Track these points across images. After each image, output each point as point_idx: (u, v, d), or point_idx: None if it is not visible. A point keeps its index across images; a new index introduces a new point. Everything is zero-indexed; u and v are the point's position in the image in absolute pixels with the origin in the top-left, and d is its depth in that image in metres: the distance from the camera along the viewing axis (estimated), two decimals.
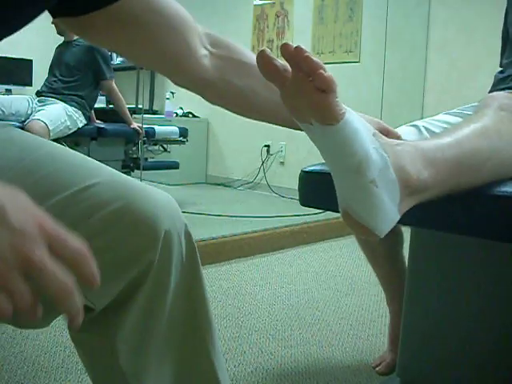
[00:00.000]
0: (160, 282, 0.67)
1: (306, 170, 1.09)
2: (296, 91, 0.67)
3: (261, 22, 4.74)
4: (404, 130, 1.36)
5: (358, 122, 0.70)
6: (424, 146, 0.79)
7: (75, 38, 3.41)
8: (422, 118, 1.36)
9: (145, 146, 3.76)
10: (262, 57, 0.67)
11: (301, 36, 4.42)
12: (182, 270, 0.70)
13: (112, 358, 0.69)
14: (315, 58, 0.65)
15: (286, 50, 0.65)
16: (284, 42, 0.65)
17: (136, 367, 0.69)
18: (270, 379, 1.53)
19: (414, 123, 1.33)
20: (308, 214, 3.31)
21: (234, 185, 5.04)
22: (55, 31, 3.33)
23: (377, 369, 1.58)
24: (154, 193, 0.69)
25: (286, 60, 0.66)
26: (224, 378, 0.76)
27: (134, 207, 0.65)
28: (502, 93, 1.17)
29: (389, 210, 0.70)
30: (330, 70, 0.66)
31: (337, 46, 4.14)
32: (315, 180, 1.07)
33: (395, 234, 1.53)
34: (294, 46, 0.65)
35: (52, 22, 3.22)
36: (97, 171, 0.69)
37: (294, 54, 0.65)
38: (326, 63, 0.64)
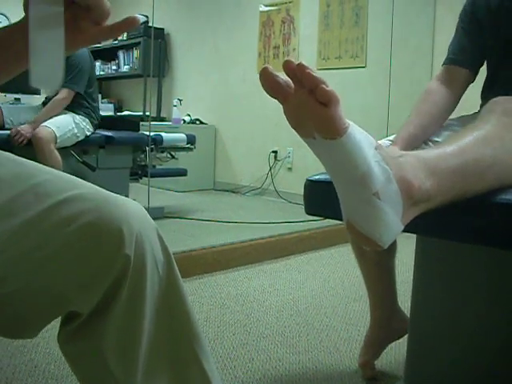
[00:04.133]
0: (138, 280, 0.71)
1: (312, 179, 1.10)
2: (298, 106, 0.69)
3: (267, 28, 4.76)
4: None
5: (361, 135, 0.71)
6: (426, 156, 0.80)
7: None
8: None
9: (152, 153, 3.77)
10: (265, 73, 0.68)
11: (307, 42, 4.43)
12: (158, 268, 0.74)
13: (101, 363, 0.71)
14: (316, 74, 0.66)
15: (288, 66, 0.67)
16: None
17: (126, 371, 0.72)
18: None
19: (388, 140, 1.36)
20: (316, 220, 3.31)
21: (242, 191, 5.05)
22: None
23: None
24: (124, 202, 0.74)
25: (289, 76, 0.68)
26: (214, 377, 0.78)
27: (106, 216, 0.70)
28: (506, 97, 1.18)
29: (392, 221, 0.72)
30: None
31: (343, 52, 4.15)
32: (320, 189, 1.08)
33: None
34: (297, 62, 0.66)
35: None
36: (71, 184, 0.74)
37: (296, 70, 0.66)
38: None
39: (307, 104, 0.67)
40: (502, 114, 1.02)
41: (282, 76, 0.69)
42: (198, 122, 5.34)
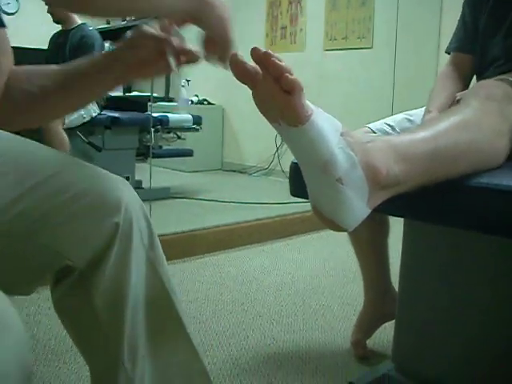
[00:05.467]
0: (125, 243, 0.79)
1: (296, 161, 1.12)
2: (265, 93, 0.71)
3: (274, 8, 4.74)
4: (399, 119, 1.40)
5: (325, 122, 0.73)
6: (396, 141, 0.82)
7: (73, 26, 3.41)
8: None
9: (159, 133, 3.80)
10: (235, 60, 0.71)
11: (314, 22, 4.41)
12: (141, 236, 0.82)
13: (92, 315, 0.79)
14: (282, 62, 0.68)
15: (254, 53, 0.69)
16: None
17: (114, 323, 0.79)
18: (271, 363, 1.57)
19: (405, 114, 1.38)
20: None
21: (249, 171, 5.07)
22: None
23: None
24: (114, 177, 0.83)
25: (256, 63, 0.70)
26: (190, 329, 0.87)
27: (98, 187, 0.79)
28: (490, 81, 1.19)
29: (356, 205, 0.74)
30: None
31: (349, 32, 4.13)
32: None
33: (381, 223, 1.56)
34: (263, 50, 0.69)
35: (48, 11, 3.26)
36: (68, 159, 0.84)
37: (262, 58, 0.69)
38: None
39: (273, 91, 0.70)
40: (484, 98, 1.03)
41: (252, 63, 0.72)
42: (205, 103, 5.35)
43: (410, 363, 1.35)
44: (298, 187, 1.15)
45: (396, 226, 1.51)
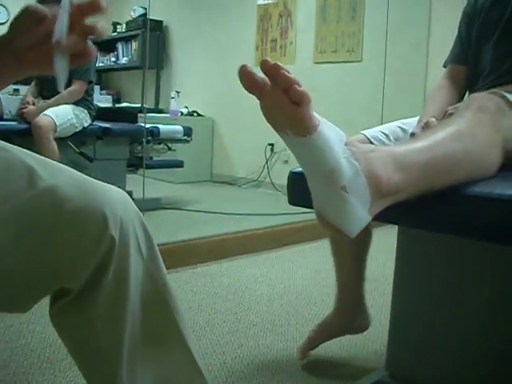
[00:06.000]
0: (123, 258, 0.78)
1: (295, 171, 1.15)
2: (273, 103, 0.74)
3: (264, 21, 4.79)
4: (392, 127, 1.44)
5: (331, 132, 0.76)
6: (396, 150, 0.84)
7: None
8: None
9: (150, 144, 3.82)
10: (244, 71, 0.73)
11: (304, 35, 4.46)
12: (140, 248, 0.81)
13: (90, 331, 0.79)
14: (290, 74, 0.71)
15: (264, 65, 0.72)
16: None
17: (112, 338, 0.79)
18: (266, 371, 1.59)
19: (399, 123, 1.42)
20: (311, 212, 3.36)
21: (239, 183, 5.09)
22: None
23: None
24: (108, 188, 0.81)
25: (265, 75, 0.73)
26: (191, 342, 0.86)
27: (91, 202, 0.77)
28: (482, 94, 1.23)
29: (359, 212, 0.77)
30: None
31: (339, 46, 4.19)
32: (302, 180, 1.12)
33: (365, 236, 1.57)
34: (273, 62, 0.71)
35: None
36: (59, 171, 0.80)
37: (271, 70, 0.71)
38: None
39: (281, 102, 0.72)
40: (477, 110, 1.06)
41: (260, 74, 0.74)
42: (195, 114, 5.38)
43: (404, 371, 1.37)
44: (296, 196, 1.18)
45: (390, 236, 1.54)
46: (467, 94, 1.58)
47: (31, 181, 0.76)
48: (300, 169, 1.16)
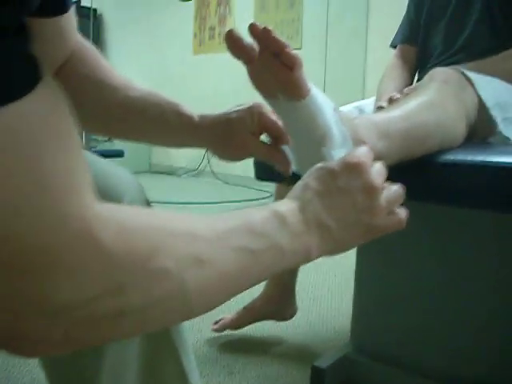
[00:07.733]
0: None
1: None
2: (263, 68, 0.72)
3: (203, 9, 4.75)
4: (348, 109, 1.45)
5: (322, 98, 0.76)
6: (377, 119, 0.85)
7: None
8: None
9: (88, 134, 3.71)
10: (230, 37, 0.71)
11: (243, 23, 4.40)
12: None
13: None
14: (281, 38, 0.69)
15: (253, 29, 0.69)
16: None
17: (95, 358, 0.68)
18: (229, 353, 1.58)
19: (355, 104, 1.43)
20: (252, 199, 3.36)
21: (178, 173, 5.04)
22: None
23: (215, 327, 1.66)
24: (118, 171, 0.75)
25: (255, 39, 0.71)
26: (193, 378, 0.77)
27: (101, 182, 0.67)
28: (444, 68, 1.26)
29: None
30: None
31: (278, 33, 4.14)
32: None
33: None
34: (262, 26, 0.69)
35: None
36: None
37: (261, 34, 0.69)
38: None
39: (272, 67, 0.70)
40: (442, 82, 1.09)
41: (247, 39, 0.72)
42: None
43: (368, 344, 1.39)
44: (263, 171, 1.19)
45: None
46: (417, 74, 1.62)
47: None
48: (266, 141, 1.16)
